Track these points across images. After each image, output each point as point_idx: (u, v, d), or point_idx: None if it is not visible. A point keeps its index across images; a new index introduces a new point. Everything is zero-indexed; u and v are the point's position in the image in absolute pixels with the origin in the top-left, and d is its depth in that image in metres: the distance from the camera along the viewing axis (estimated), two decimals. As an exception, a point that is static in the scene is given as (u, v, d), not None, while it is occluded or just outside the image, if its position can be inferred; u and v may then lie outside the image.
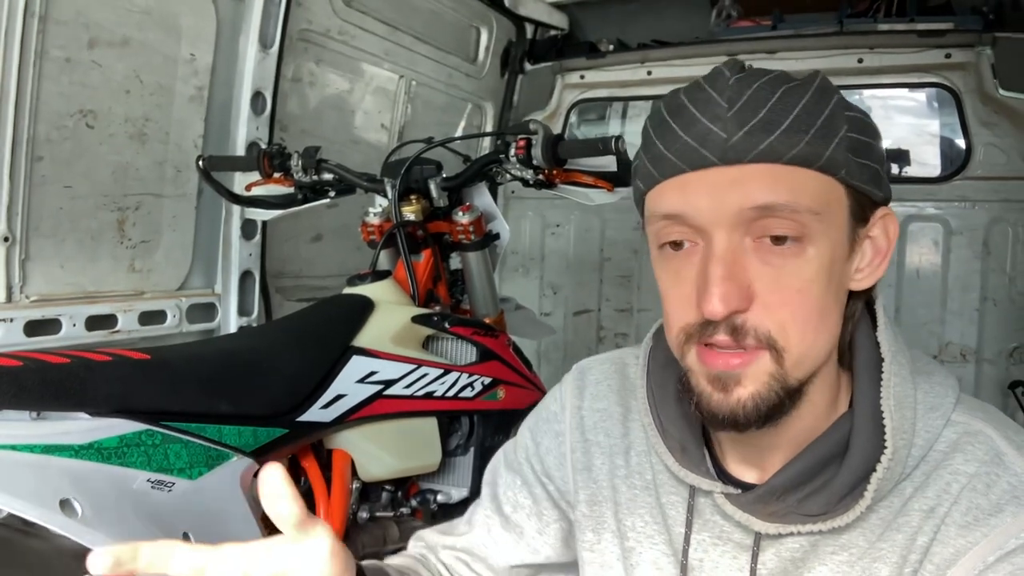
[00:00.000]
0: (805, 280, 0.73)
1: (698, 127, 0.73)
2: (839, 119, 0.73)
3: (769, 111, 0.71)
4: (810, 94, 0.73)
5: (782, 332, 0.73)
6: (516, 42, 3.52)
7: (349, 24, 2.62)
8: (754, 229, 0.72)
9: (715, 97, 0.73)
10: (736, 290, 0.71)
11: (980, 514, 0.72)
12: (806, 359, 0.75)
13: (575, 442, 0.99)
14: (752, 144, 0.71)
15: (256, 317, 2.41)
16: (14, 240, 1.78)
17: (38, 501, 1.04)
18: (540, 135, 1.77)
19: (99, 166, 1.97)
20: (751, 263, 0.73)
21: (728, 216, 0.72)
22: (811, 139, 0.72)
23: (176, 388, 1.30)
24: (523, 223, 3.73)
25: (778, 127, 0.71)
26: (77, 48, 1.84)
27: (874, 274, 0.80)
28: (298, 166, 2.01)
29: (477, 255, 2.02)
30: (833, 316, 0.77)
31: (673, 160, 0.75)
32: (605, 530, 0.95)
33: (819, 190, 0.73)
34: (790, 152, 0.71)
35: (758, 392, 0.74)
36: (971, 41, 2.86)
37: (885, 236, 0.80)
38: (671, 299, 0.78)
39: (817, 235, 0.73)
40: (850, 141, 0.74)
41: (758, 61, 3.18)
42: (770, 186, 0.71)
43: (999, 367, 2.97)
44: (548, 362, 3.69)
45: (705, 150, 0.73)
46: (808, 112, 0.72)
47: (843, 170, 0.73)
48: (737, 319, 0.72)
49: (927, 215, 3.05)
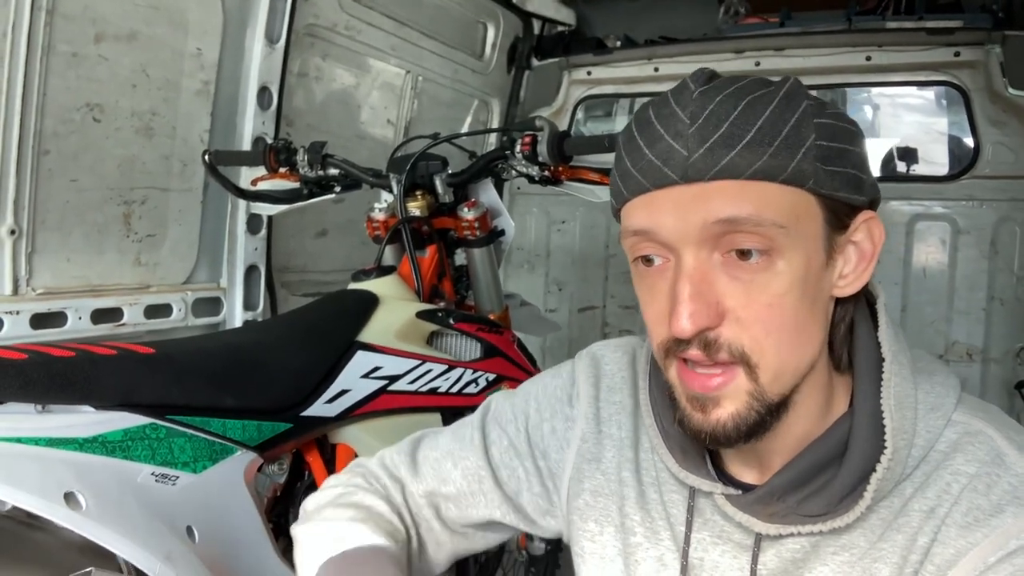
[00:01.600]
0: (775, 294, 0.72)
1: (661, 144, 0.73)
2: (806, 128, 0.72)
3: (731, 125, 0.71)
4: (775, 104, 0.72)
5: (756, 347, 0.73)
6: (523, 38, 3.52)
7: (355, 19, 2.62)
8: (721, 244, 0.72)
9: (678, 112, 0.73)
10: (704, 308, 0.71)
11: (981, 515, 0.72)
12: (783, 374, 0.74)
13: (588, 432, 0.98)
14: (713, 161, 0.71)
15: (261, 311, 2.42)
16: (21, 233, 1.79)
17: (42, 494, 1.04)
18: (546, 132, 1.77)
19: (105, 160, 1.97)
20: (720, 279, 0.73)
21: (693, 233, 0.72)
22: (775, 151, 0.71)
23: (181, 382, 1.30)
24: (528, 219, 3.73)
25: (740, 141, 0.70)
26: (84, 42, 1.84)
27: (860, 279, 0.79)
28: (304, 161, 2.01)
29: (482, 251, 2.01)
30: (812, 327, 0.76)
31: (638, 178, 0.75)
32: (608, 523, 0.95)
33: (785, 203, 0.72)
34: (752, 167, 0.70)
35: (737, 412, 0.74)
36: (980, 39, 2.85)
37: (870, 240, 0.78)
38: (648, 315, 0.79)
39: (786, 248, 0.72)
40: (819, 150, 0.72)
41: (766, 59, 3.18)
42: (732, 201, 0.71)
43: (1006, 367, 2.96)
44: (553, 358, 3.69)
45: (667, 168, 0.72)
46: (772, 123, 0.71)
47: (811, 180, 0.72)
48: (710, 335, 0.73)
49: (934, 214, 3.04)
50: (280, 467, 1.54)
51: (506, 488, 1.03)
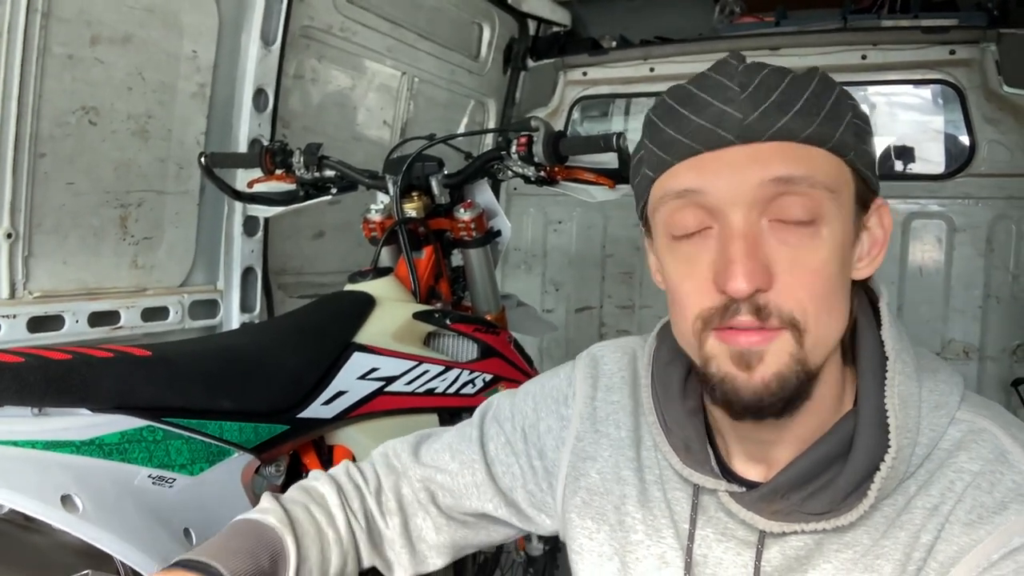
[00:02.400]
0: (821, 260, 0.74)
1: (712, 109, 0.74)
2: (844, 105, 0.76)
3: (781, 93, 0.73)
4: (816, 82, 0.76)
5: (803, 312, 0.73)
6: (519, 39, 3.52)
7: (351, 21, 2.62)
8: (771, 209, 0.73)
9: (725, 82, 0.75)
10: (759, 268, 0.72)
11: (984, 512, 0.73)
12: (823, 341, 0.75)
13: (583, 431, 0.99)
14: (768, 123, 0.73)
15: (258, 314, 2.42)
16: (17, 236, 1.79)
17: (39, 496, 1.04)
18: (541, 132, 1.77)
19: (101, 163, 1.97)
20: (768, 243, 0.73)
21: (747, 192, 0.73)
22: (822, 120, 0.74)
23: (177, 384, 1.30)
24: (525, 220, 3.73)
25: (791, 108, 0.73)
26: (79, 45, 1.84)
27: (873, 263, 0.81)
28: (300, 163, 2.01)
29: (479, 252, 2.01)
30: (843, 302, 0.77)
31: (686, 142, 0.76)
32: (605, 521, 0.95)
33: (831, 169, 0.75)
34: (805, 131, 0.73)
35: (780, 372, 0.74)
36: (975, 37, 2.85)
37: (881, 227, 0.81)
38: (685, 286, 0.77)
39: (830, 216, 0.74)
40: (856, 127, 0.76)
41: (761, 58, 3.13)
42: (788, 161, 0.73)
43: (1002, 365, 2.97)
44: (550, 359, 3.69)
45: (722, 130, 0.74)
46: (817, 96, 0.74)
47: (852, 152, 0.76)
48: (760, 299, 0.72)
49: (930, 212, 3.05)
50: (277, 469, 1.53)
51: (500, 483, 1.05)
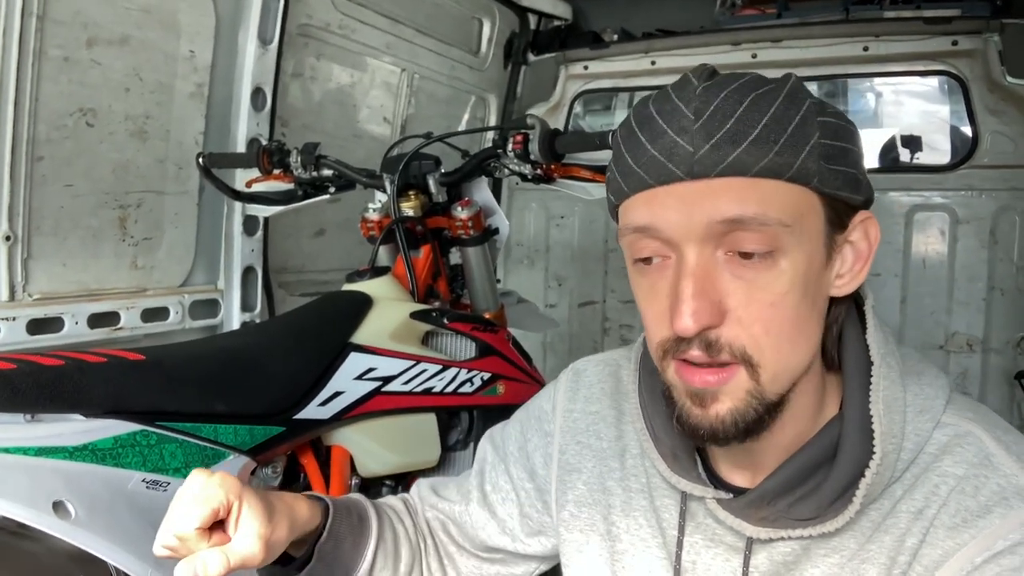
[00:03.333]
0: (778, 294, 0.72)
1: (664, 140, 0.72)
2: (811, 126, 0.71)
3: (736, 122, 0.70)
4: (779, 101, 0.71)
5: (756, 347, 0.72)
6: (519, 33, 3.51)
7: (349, 18, 2.61)
8: (725, 243, 0.71)
9: (681, 108, 0.72)
10: (707, 306, 0.71)
11: (968, 516, 0.72)
12: (783, 374, 0.74)
13: (565, 444, 1.00)
14: (719, 157, 0.69)
15: (259, 313, 2.42)
16: (16, 239, 1.79)
17: (31, 503, 1.04)
18: (537, 130, 1.76)
19: (100, 164, 1.98)
20: (722, 277, 0.72)
21: (697, 230, 0.71)
22: (780, 149, 0.70)
23: (171, 388, 1.30)
24: (527, 215, 3.72)
25: (746, 138, 0.69)
26: (76, 47, 1.84)
27: (856, 279, 0.79)
28: (297, 162, 2.01)
29: (477, 250, 2.01)
30: (811, 327, 0.76)
31: (640, 174, 0.74)
32: (593, 532, 0.96)
33: (790, 201, 0.71)
34: (758, 164, 0.70)
35: (736, 408, 0.74)
36: (978, 28, 2.82)
37: (866, 240, 0.78)
38: (647, 315, 0.78)
39: (789, 247, 0.71)
40: (823, 148, 0.72)
41: (763, 50, 3.16)
42: (738, 200, 0.70)
43: (1006, 357, 2.95)
44: (554, 354, 3.69)
45: (672, 164, 0.71)
46: (777, 121, 0.70)
47: (815, 179, 0.72)
48: (711, 334, 0.72)
49: (933, 204, 3.03)
50: (274, 470, 1.54)
51: (497, 510, 1.06)
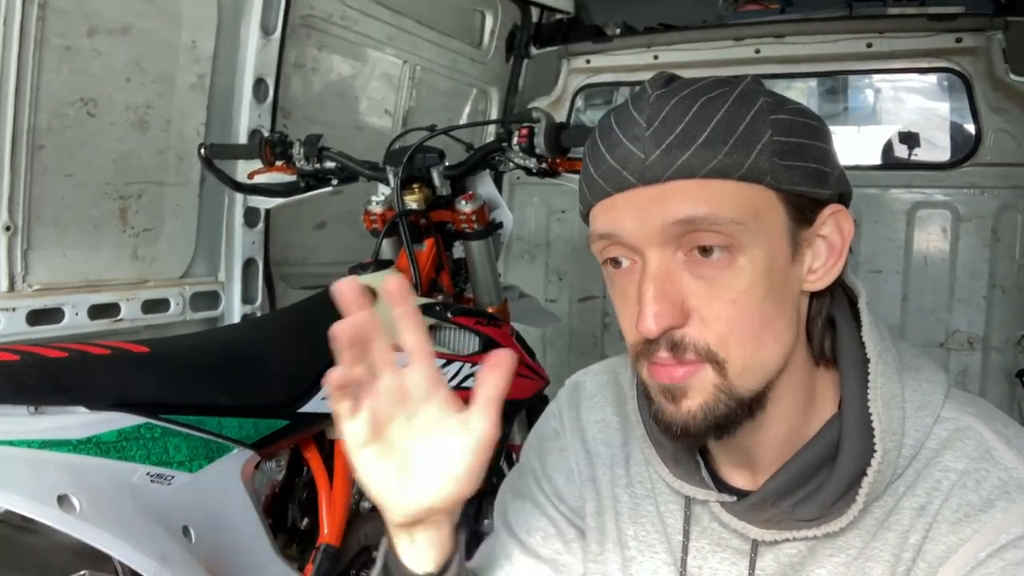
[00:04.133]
0: (739, 291, 0.73)
1: (620, 149, 0.74)
2: (762, 125, 0.73)
3: (686, 126, 0.72)
4: (730, 103, 0.73)
5: (722, 344, 0.73)
6: (521, 26, 3.49)
7: (352, 9, 2.60)
8: (684, 243, 0.73)
9: (635, 117, 0.74)
10: (668, 308, 0.72)
11: (971, 510, 0.72)
12: (752, 369, 0.75)
13: (579, 455, 0.99)
14: (669, 162, 0.72)
15: (260, 305, 2.41)
16: (16, 229, 1.78)
17: (36, 497, 1.03)
18: (543, 123, 1.75)
19: (101, 155, 1.96)
20: (683, 277, 0.73)
21: (654, 234, 0.73)
22: (730, 149, 0.71)
23: (175, 381, 1.30)
24: (528, 209, 3.71)
25: (695, 141, 0.71)
26: (77, 36, 1.83)
27: (830, 273, 0.79)
28: (300, 154, 2.00)
29: (480, 244, 2.00)
30: (779, 323, 0.76)
31: (600, 183, 0.76)
32: (608, 540, 0.95)
33: (742, 200, 0.72)
34: (707, 166, 0.71)
35: (706, 403, 0.74)
36: (982, 25, 2.82)
37: (839, 233, 0.78)
38: (622, 320, 0.79)
39: (747, 244, 0.72)
40: (776, 145, 0.73)
41: (766, 46, 3.15)
42: (689, 201, 0.71)
43: (1007, 355, 2.95)
44: (553, 349, 3.69)
45: (626, 172, 0.73)
46: (727, 122, 0.72)
47: (768, 176, 0.72)
48: (676, 335, 0.73)
49: (935, 201, 3.03)
50: (278, 464, 1.54)
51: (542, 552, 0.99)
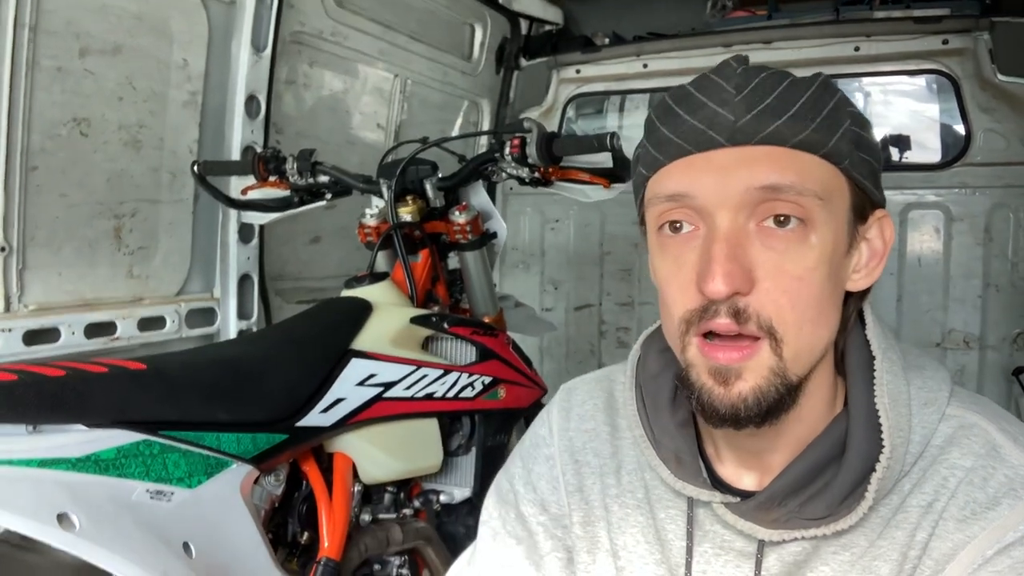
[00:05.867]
0: (806, 267, 0.73)
1: (705, 110, 0.74)
2: (843, 112, 0.75)
3: (776, 98, 0.73)
4: (815, 87, 0.75)
5: (781, 320, 0.72)
6: (511, 38, 3.51)
7: (342, 25, 2.61)
8: (758, 212, 0.73)
9: (722, 84, 0.75)
10: (739, 270, 0.71)
11: (977, 508, 0.72)
12: (803, 353, 0.74)
13: (565, 464, 0.97)
14: (760, 127, 0.72)
15: (256, 320, 2.41)
16: (11, 250, 1.78)
17: (35, 516, 1.03)
18: (534, 133, 1.76)
19: (94, 174, 1.97)
20: (753, 247, 0.73)
21: (733, 196, 0.72)
22: (817, 127, 0.73)
23: (173, 397, 1.30)
24: (522, 219, 3.72)
25: (785, 113, 0.72)
26: (68, 57, 1.84)
27: (871, 275, 0.80)
28: (293, 169, 2.00)
29: (475, 254, 2.01)
30: (831, 312, 0.76)
31: (679, 142, 0.75)
32: (599, 550, 0.93)
33: (824, 177, 0.74)
34: (796, 137, 0.72)
35: (758, 386, 0.73)
36: (968, 26, 2.84)
37: (881, 238, 0.80)
38: (671, 286, 0.77)
39: (820, 222, 0.73)
40: (853, 134, 0.75)
41: (754, 52, 3.16)
42: (777, 167, 0.72)
43: (1002, 353, 2.96)
44: (551, 358, 3.69)
45: (713, 132, 0.73)
46: (814, 102, 0.73)
47: (846, 160, 0.74)
48: (739, 302, 0.72)
49: (927, 202, 3.04)
50: (277, 478, 1.53)
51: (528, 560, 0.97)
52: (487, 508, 1.03)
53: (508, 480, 1.02)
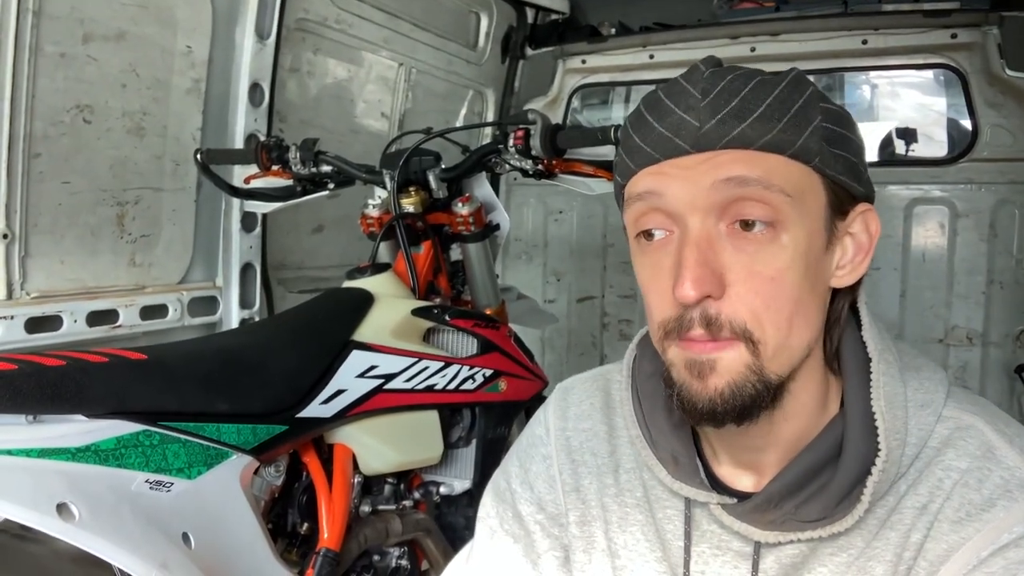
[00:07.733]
0: (778, 268, 0.72)
1: (672, 118, 0.74)
2: (813, 109, 0.74)
3: (742, 100, 0.72)
4: (783, 85, 0.74)
5: (756, 322, 0.72)
6: (517, 27, 3.49)
7: (346, 12, 2.60)
8: (728, 213, 0.72)
9: (689, 89, 0.74)
10: (709, 275, 0.71)
11: (973, 509, 0.72)
12: (783, 351, 0.74)
13: (562, 464, 0.97)
14: (724, 131, 0.72)
15: (258, 310, 2.41)
16: (13, 237, 1.78)
17: (35, 506, 1.03)
18: (539, 125, 1.75)
19: (97, 161, 1.96)
20: (724, 249, 0.73)
21: (701, 196, 0.72)
22: (784, 126, 0.72)
23: (173, 387, 1.30)
24: (525, 210, 3.72)
25: (750, 115, 0.72)
26: (72, 43, 1.83)
27: (856, 271, 0.79)
28: (296, 159, 2.00)
29: (477, 246, 2.00)
30: (811, 309, 0.76)
31: (648, 151, 0.76)
32: (595, 549, 0.93)
33: (792, 175, 0.73)
34: (763, 139, 0.72)
35: (734, 381, 0.73)
36: (977, 21, 2.82)
37: (866, 232, 0.79)
38: (651, 293, 0.78)
39: (791, 221, 0.72)
40: (824, 131, 0.74)
41: (761, 44, 3.15)
42: (742, 165, 0.72)
43: (1006, 350, 2.95)
44: (552, 349, 3.69)
45: (678, 139, 0.73)
46: (781, 101, 0.73)
47: (816, 158, 0.73)
48: (711, 309, 0.72)
49: (933, 197, 3.03)
50: (277, 469, 1.53)
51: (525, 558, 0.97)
52: (485, 506, 1.03)
53: (505, 479, 1.02)
